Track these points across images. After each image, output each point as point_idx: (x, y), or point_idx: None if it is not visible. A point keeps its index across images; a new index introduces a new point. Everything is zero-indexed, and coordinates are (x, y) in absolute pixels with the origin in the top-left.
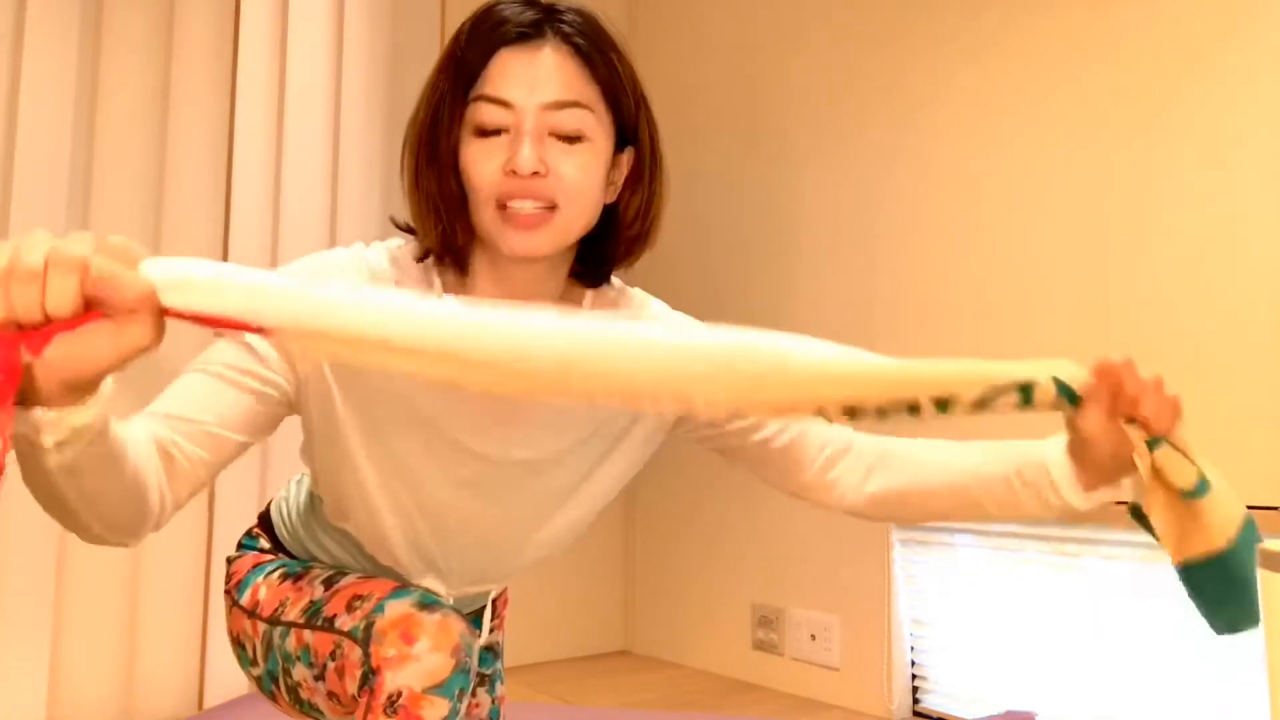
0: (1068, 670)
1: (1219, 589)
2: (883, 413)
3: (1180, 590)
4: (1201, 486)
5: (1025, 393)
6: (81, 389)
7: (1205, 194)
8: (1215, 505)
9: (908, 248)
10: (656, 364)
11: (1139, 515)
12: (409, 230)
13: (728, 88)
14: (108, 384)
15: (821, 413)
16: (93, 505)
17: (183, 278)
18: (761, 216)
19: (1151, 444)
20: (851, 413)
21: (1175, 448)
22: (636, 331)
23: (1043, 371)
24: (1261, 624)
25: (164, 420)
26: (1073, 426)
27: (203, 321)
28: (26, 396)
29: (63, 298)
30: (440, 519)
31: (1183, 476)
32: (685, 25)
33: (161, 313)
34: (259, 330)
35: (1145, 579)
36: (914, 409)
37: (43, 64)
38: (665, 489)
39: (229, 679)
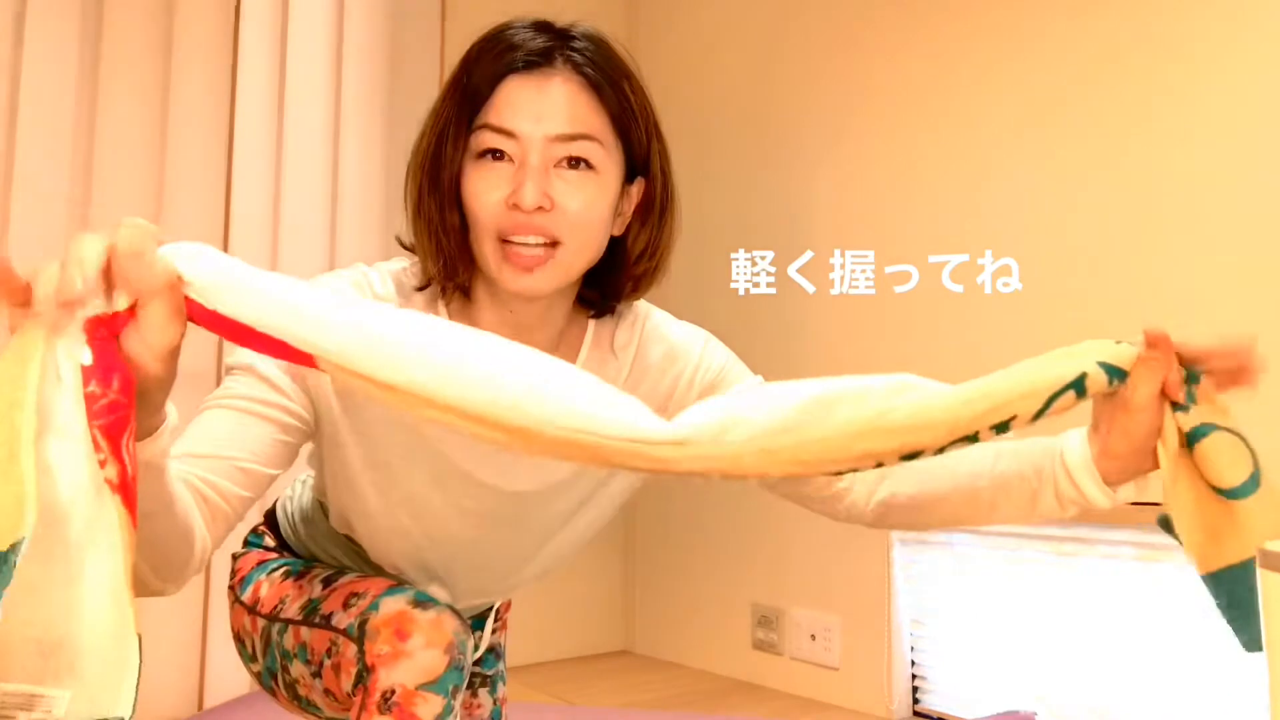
0: (1068, 670)
1: (1255, 600)
2: (942, 450)
3: (1206, 600)
4: (1249, 484)
5: (1079, 389)
6: (145, 408)
7: (1206, 190)
8: (1262, 506)
9: (919, 246)
10: (715, 449)
11: (1167, 525)
12: (414, 250)
13: (729, 86)
14: (172, 413)
15: (880, 465)
16: (146, 549)
17: (214, 278)
18: (766, 217)
19: (1199, 431)
20: (910, 458)
21: (1232, 433)
22: (694, 423)
23: (1088, 359)
24: (1262, 624)
25: (193, 461)
26: (1107, 398)
27: (227, 331)
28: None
29: (89, 263)
30: (446, 545)
31: (1229, 471)
32: (686, 23)
33: (183, 302)
34: (293, 354)
35: (1145, 579)
36: (974, 439)
37: (43, 63)
38: (665, 489)
39: (229, 679)
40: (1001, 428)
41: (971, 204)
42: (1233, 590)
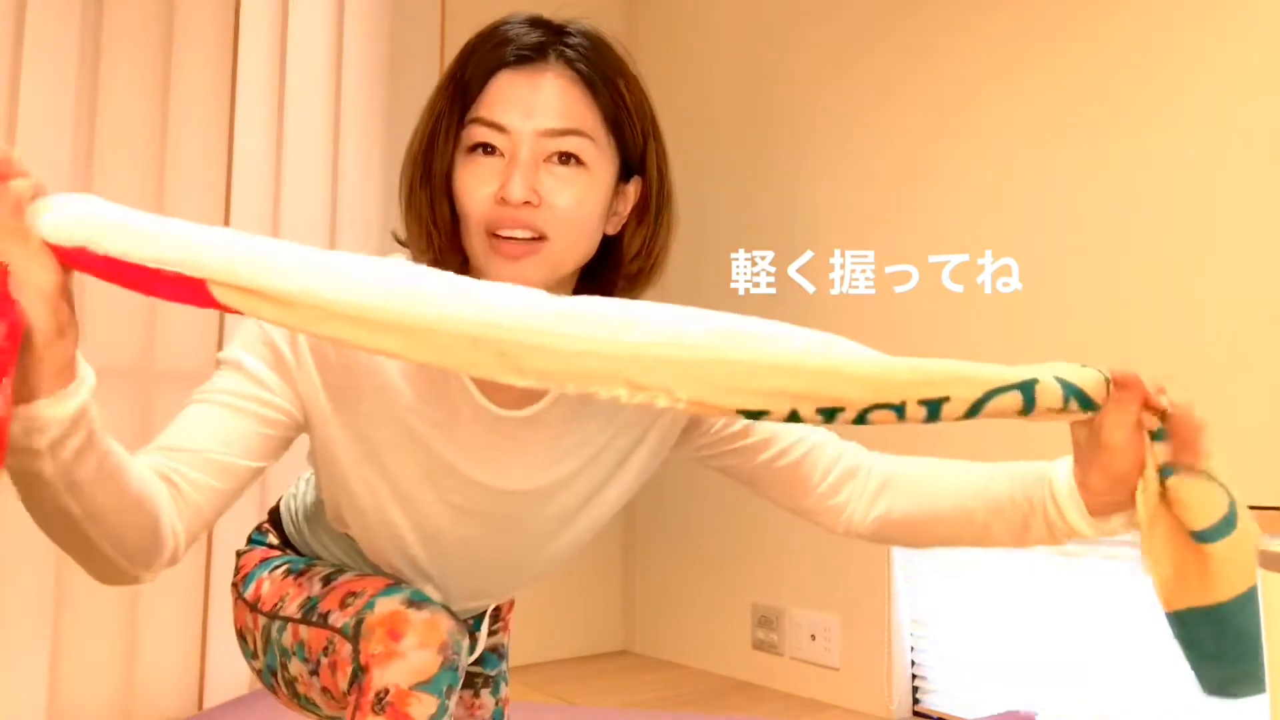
0: (1068, 670)
1: (1215, 644)
2: (864, 416)
3: (1171, 639)
4: (1221, 528)
5: (1026, 394)
6: (49, 364)
7: (1205, 190)
8: (1231, 552)
9: (919, 246)
10: (613, 348)
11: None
12: (408, 244)
13: (729, 86)
14: (87, 373)
15: (795, 415)
16: (101, 524)
17: (90, 219)
18: (766, 217)
19: (1167, 470)
20: (829, 414)
21: (1207, 476)
22: (594, 311)
23: (1045, 371)
24: (1262, 624)
25: (165, 453)
26: (1085, 436)
27: (116, 274)
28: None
29: None
30: (438, 543)
31: (1201, 513)
32: (686, 22)
33: (40, 242)
34: (185, 285)
35: (1146, 579)
36: (900, 412)
37: (43, 64)
38: (665, 489)
39: (229, 679)
40: (932, 408)
41: (971, 204)
42: (1193, 632)
